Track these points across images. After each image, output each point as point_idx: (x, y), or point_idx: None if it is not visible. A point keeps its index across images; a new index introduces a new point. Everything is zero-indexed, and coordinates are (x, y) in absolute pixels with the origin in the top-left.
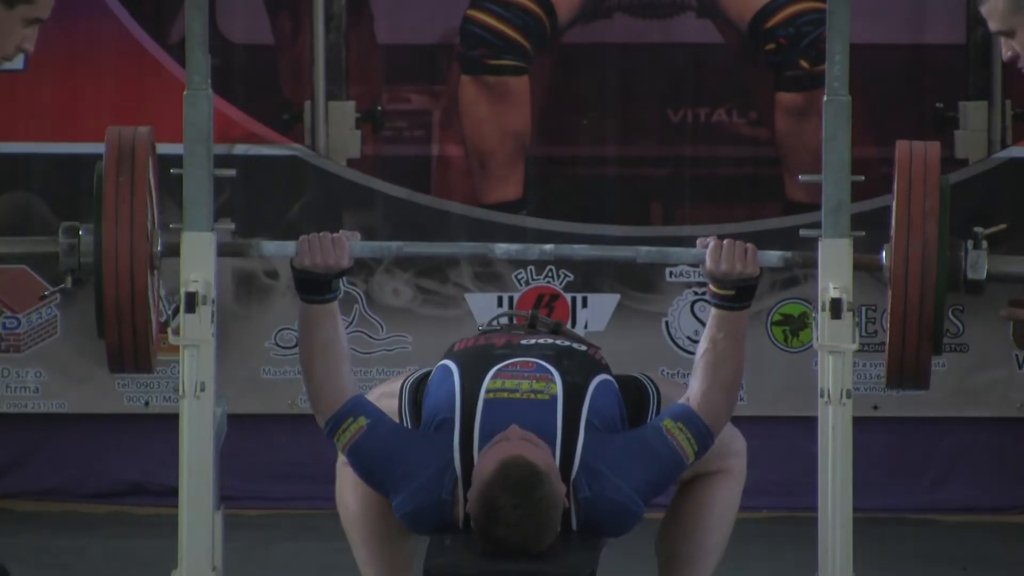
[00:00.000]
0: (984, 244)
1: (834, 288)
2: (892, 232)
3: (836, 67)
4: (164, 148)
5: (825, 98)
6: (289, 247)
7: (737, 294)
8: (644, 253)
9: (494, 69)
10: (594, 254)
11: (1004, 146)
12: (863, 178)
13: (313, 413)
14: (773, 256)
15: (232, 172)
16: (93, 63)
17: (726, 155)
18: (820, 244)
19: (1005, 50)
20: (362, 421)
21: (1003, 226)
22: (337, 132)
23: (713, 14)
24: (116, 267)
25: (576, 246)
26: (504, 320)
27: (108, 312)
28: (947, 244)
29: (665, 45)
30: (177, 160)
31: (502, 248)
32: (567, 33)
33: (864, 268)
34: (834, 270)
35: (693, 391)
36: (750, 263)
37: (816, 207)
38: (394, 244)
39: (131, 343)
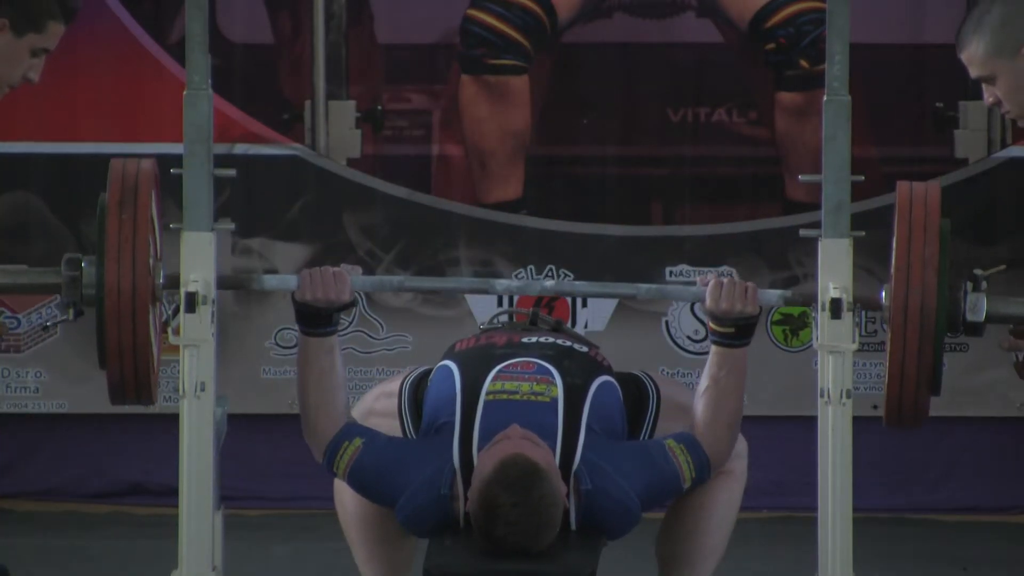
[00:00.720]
0: (984, 286)
1: (834, 288)
2: (891, 274)
3: (836, 67)
4: (164, 148)
5: (825, 98)
6: (291, 281)
7: (737, 332)
8: (644, 291)
9: (494, 69)
10: (594, 290)
11: (1004, 146)
12: (863, 178)
13: (310, 447)
14: (773, 295)
15: (232, 172)
16: (93, 63)
17: (726, 155)
18: (820, 244)
19: (987, 96)
20: (357, 442)
21: (1002, 267)
22: (337, 132)
23: (713, 14)
24: (118, 303)
25: (577, 283)
26: (504, 318)
27: (110, 347)
28: (946, 289)
29: (665, 45)
30: (177, 160)
31: (503, 284)
32: (567, 33)
33: (863, 307)
34: (834, 270)
35: (697, 424)
36: (750, 302)
37: (816, 207)
38: (395, 279)
39: (132, 377)
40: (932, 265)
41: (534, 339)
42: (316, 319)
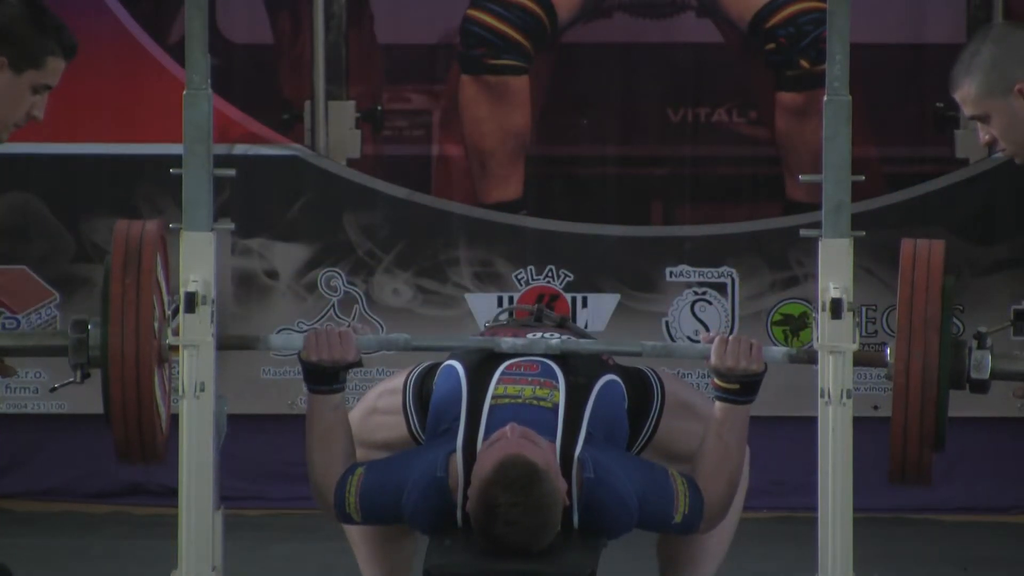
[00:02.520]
0: (988, 343)
1: (834, 288)
2: (896, 336)
3: (836, 67)
4: (164, 148)
5: (825, 98)
6: (296, 341)
7: (742, 388)
8: (649, 348)
9: (494, 69)
10: (599, 348)
11: None
12: (863, 178)
13: (317, 503)
14: (778, 352)
15: (232, 172)
16: (92, 63)
17: (726, 155)
18: (820, 244)
19: (982, 134)
20: (359, 471)
21: (1008, 324)
22: (337, 132)
23: (713, 13)
24: (122, 368)
25: (583, 340)
26: (504, 317)
27: (115, 409)
28: (950, 350)
29: (665, 45)
30: (177, 160)
31: (508, 342)
32: (567, 33)
33: (868, 364)
34: (834, 270)
35: (698, 475)
36: (755, 359)
37: (816, 207)
38: (401, 338)
39: (138, 439)
40: (934, 326)
41: (539, 335)
42: (322, 378)
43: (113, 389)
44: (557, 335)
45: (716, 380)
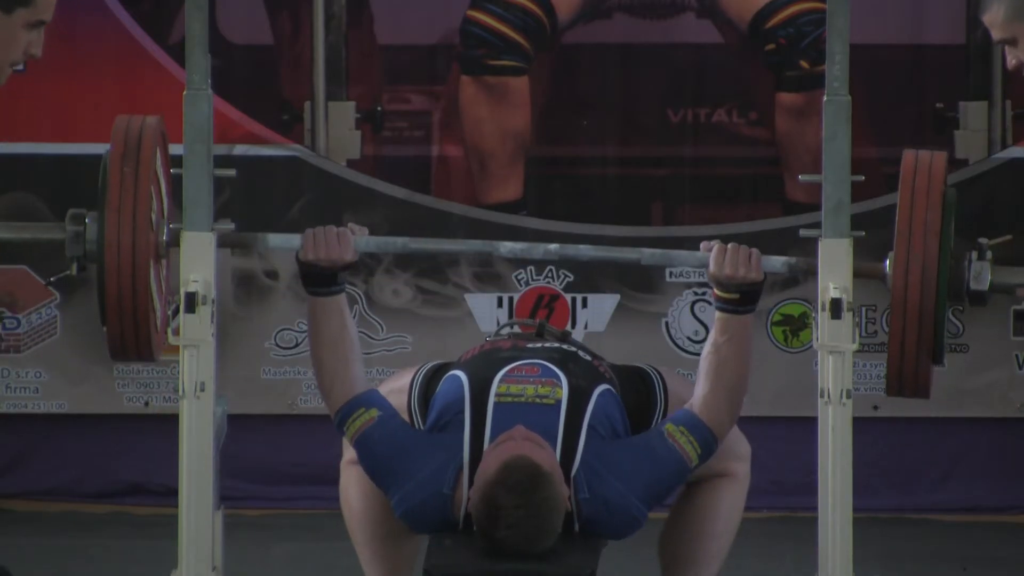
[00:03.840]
0: (988, 255)
1: (834, 288)
2: (894, 242)
3: (836, 67)
4: None
5: (825, 98)
6: (294, 240)
7: (741, 298)
8: (648, 255)
9: (494, 69)
10: (598, 255)
11: (1004, 146)
12: (863, 178)
13: (325, 405)
14: (777, 261)
15: (232, 172)
16: (93, 63)
17: (726, 155)
18: (820, 244)
19: (1010, 59)
20: (373, 412)
21: (1008, 237)
22: (337, 132)
23: (713, 14)
24: (118, 258)
25: (581, 246)
26: (507, 331)
27: (110, 302)
28: (949, 258)
29: (665, 45)
30: (177, 160)
31: (507, 246)
32: (567, 33)
33: (866, 276)
34: (834, 270)
35: (696, 396)
36: (754, 268)
37: (816, 207)
38: (399, 240)
39: (132, 333)
40: (934, 232)
41: (540, 344)
42: (320, 279)
43: (108, 280)
44: (557, 344)
45: (716, 290)
